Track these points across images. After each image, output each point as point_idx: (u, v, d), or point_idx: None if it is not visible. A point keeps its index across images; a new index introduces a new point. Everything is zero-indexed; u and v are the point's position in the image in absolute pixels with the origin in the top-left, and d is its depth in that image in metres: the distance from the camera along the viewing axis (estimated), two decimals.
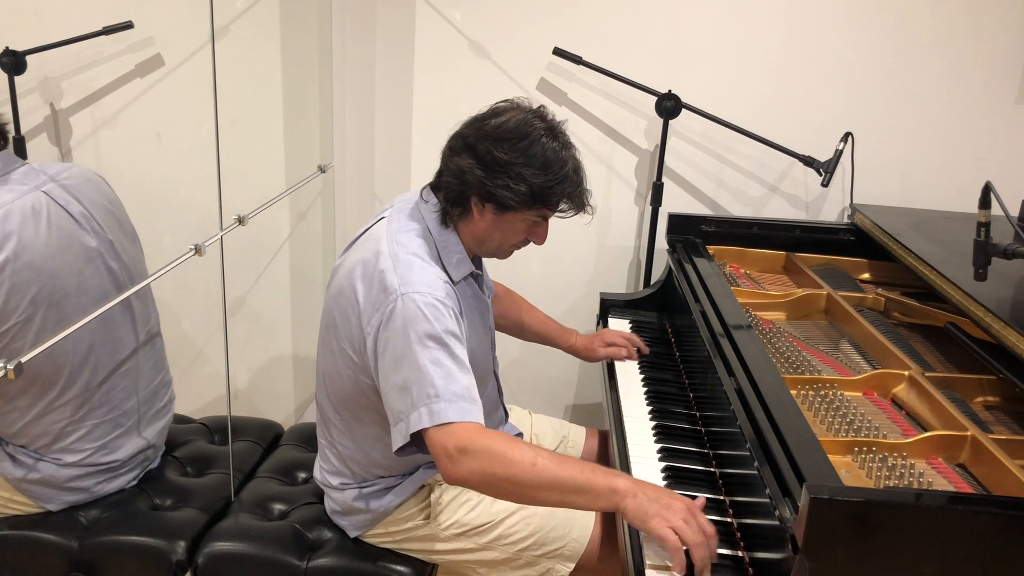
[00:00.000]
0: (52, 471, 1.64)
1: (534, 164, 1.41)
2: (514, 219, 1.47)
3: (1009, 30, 2.24)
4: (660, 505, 1.24)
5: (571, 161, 1.45)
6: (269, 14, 2.35)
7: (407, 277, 1.38)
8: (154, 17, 2.33)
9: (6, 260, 1.46)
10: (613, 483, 1.27)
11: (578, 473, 1.28)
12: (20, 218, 1.51)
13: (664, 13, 2.32)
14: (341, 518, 1.64)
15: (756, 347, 1.56)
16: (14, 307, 1.48)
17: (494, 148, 1.41)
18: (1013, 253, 1.30)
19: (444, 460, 1.30)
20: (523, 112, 1.46)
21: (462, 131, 1.47)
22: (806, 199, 2.44)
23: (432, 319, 1.35)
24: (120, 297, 1.60)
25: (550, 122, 1.46)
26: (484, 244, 1.53)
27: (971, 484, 1.29)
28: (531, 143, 1.41)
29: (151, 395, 1.78)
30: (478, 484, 1.32)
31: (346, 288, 1.46)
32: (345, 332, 1.46)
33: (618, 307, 2.25)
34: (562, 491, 1.28)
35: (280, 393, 2.69)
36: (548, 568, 1.57)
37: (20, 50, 2.23)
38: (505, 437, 1.32)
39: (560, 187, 1.43)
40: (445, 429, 1.30)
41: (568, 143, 1.47)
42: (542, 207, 1.46)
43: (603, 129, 2.43)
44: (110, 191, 1.77)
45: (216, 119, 1.74)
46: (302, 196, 2.50)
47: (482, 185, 1.42)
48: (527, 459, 1.28)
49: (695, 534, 1.21)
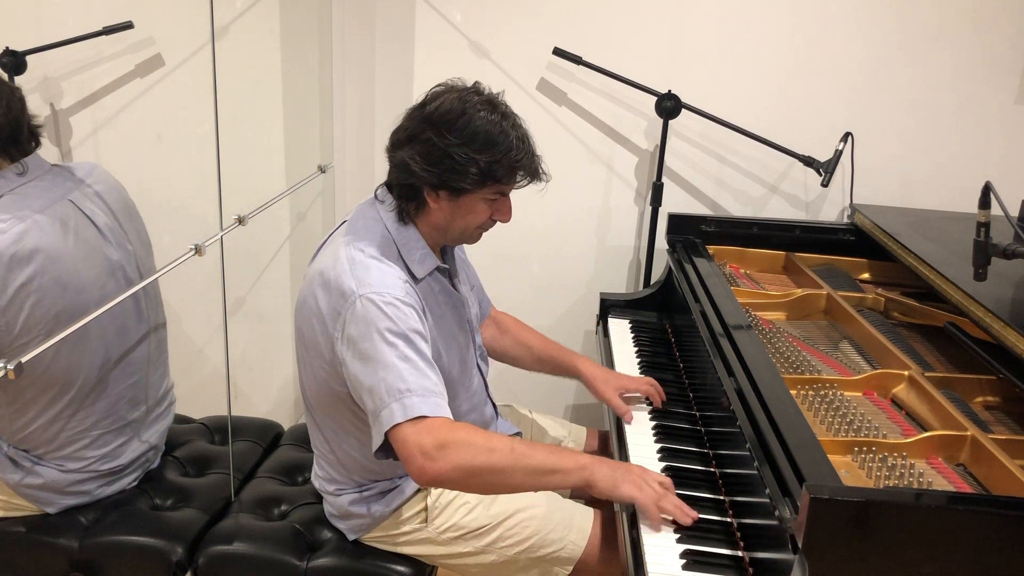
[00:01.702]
0: (53, 476, 1.63)
1: (477, 141, 1.37)
2: (471, 201, 1.44)
3: (1009, 30, 2.24)
4: (623, 471, 1.37)
5: (514, 131, 1.41)
6: (269, 14, 2.34)
7: (364, 279, 1.37)
8: (154, 17, 2.33)
9: (34, 273, 1.44)
10: (580, 460, 1.37)
11: (549, 455, 1.36)
12: (48, 231, 1.48)
13: (664, 13, 2.32)
14: (339, 522, 1.64)
15: (756, 347, 1.56)
16: (37, 320, 1.46)
17: (434, 135, 1.38)
18: (1013, 253, 1.30)
19: (419, 459, 1.28)
20: (458, 91, 1.42)
21: (402, 124, 1.44)
22: (806, 199, 2.44)
23: (393, 317, 1.34)
24: (127, 294, 1.59)
25: (487, 96, 1.43)
26: (448, 232, 1.49)
27: (971, 484, 1.29)
28: (469, 120, 1.37)
29: (155, 403, 1.78)
30: (458, 478, 1.31)
31: (308, 298, 1.45)
32: (312, 341, 1.45)
33: (618, 307, 2.25)
34: (537, 474, 1.35)
35: (280, 393, 2.69)
36: (547, 571, 1.56)
37: (20, 50, 2.23)
38: (475, 428, 1.35)
39: (507, 159, 1.39)
40: (419, 427, 1.28)
41: (508, 113, 1.42)
42: (495, 183, 1.42)
43: (603, 129, 2.43)
44: (128, 197, 1.75)
45: (216, 119, 1.73)
46: (302, 196, 2.50)
47: (430, 174, 1.39)
48: (505, 447, 1.31)
49: (654, 493, 1.34)
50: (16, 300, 1.44)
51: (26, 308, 1.45)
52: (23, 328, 1.46)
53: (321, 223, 2.58)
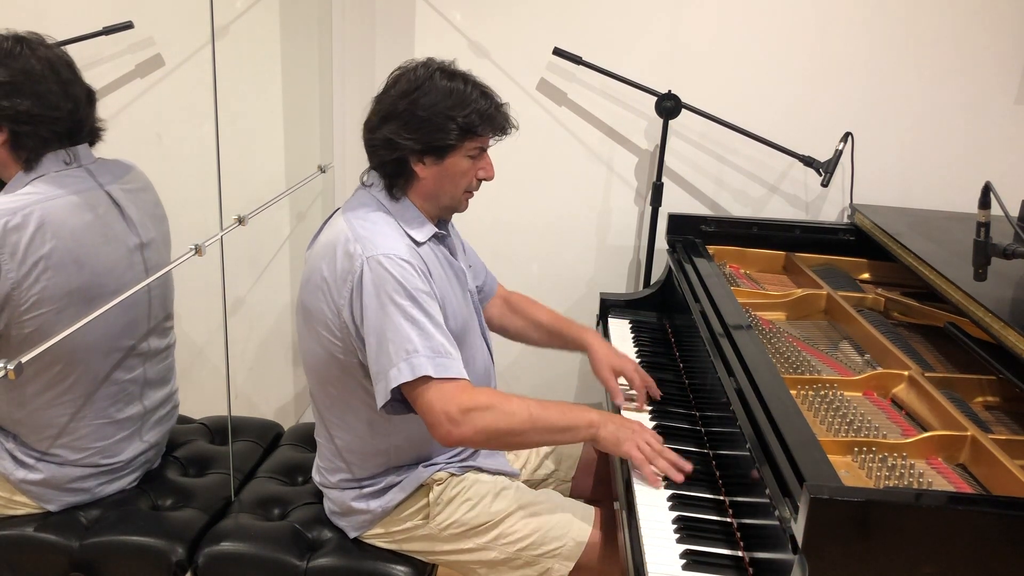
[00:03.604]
0: (53, 471, 1.64)
1: (449, 101, 1.47)
2: (456, 161, 1.52)
3: (1009, 30, 2.24)
4: (627, 430, 1.49)
5: (474, 88, 1.51)
6: (269, 14, 2.34)
7: (369, 243, 1.45)
8: (154, 17, 2.32)
9: (52, 249, 1.49)
10: (589, 417, 1.48)
11: (562, 415, 1.47)
12: (76, 211, 1.54)
13: (664, 13, 2.32)
14: (340, 519, 1.64)
15: (756, 347, 1.56)
16: (50, 295, 1.50)
17: (409, 106, 1.47)
18: (1013, 253, 1.30)
19: (445, 424, 1.38)
20: (414, 69, 1.52)
21: (372, 111, 1.54)
22: (806, 199, 2.44)
23: (400, 278, 1.42)
24: (133, 289, 1.61)
25: (440, 64, 1.53)
26: (439, 199, 1.57)
27: (971, 484, 1.29)
28: (434, 86, 1.48)
29: (157, 404, 1.79)
30: (480, 440, 1.45)
31: (313, 273, 1.51)
32: (319, 315, 1.50)
33: (618, 307, 2.25)
34: (552, 432, 1.48)
35: (280, 393, 2.69)
36: (547, 568, 1.57)
37: None
38: (496, 392, 1.47)
39: (479, 110, 1.49)
40: (439, 393, 1.39)
41: (466, 74, 1.53)
42: (474, 136, 1.51)
43: (603, 129, 2.43)
44: (159, 201, 1.81)
45: (216, 119, 1.73)
46: (302, 196, 2.50)
47: (414, 140, 1.48)
48: (523, 410, 1.43)
49: (649, 451, 1.47)
50: (33, 272, 1.48)
51: (42, 281, 1.49)
52: (36, 302, 1.50)
53: (321, 223, 2.57)
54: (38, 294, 1.49)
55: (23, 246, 1.46)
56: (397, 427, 1.55)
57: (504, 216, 2.49)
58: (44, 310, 1.51)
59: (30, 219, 1.47)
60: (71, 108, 1.55)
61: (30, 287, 1.48)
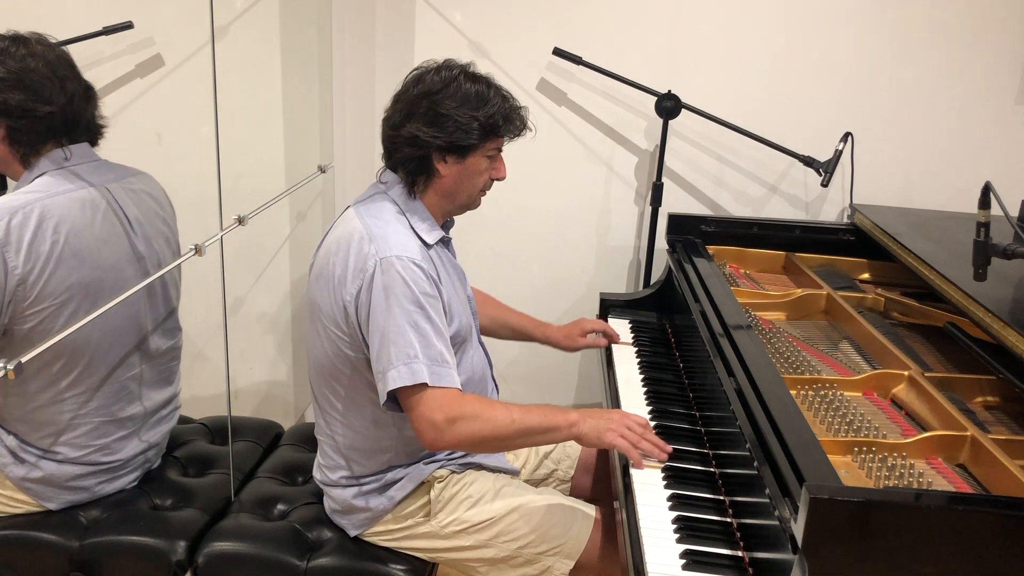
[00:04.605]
0: (53, 469, 1.64)
1: (470, 103, 1.52)
2: (476, 160, 1.56)
3: (1009, 30, 2.24)
4: (606, 421, 1.50)
5: (494, 90, 1.56)
6: (269, 14, 2.34)
7: (384, 241, 1.47)
8: (154, 17, 2.32)
9: (54, 244, 1.51)
10: (568, 417, 1.49)
11: (543, 417, 1.49)
12: (77, 207, 1.56)
13: (664, 13, 2.32)
14: (341, 517, 1.65)
15: (756, 347, 1.56)
16: (52, 290, 1.52)
17: (433, 105, 1.51)
18: (1013, 253, 1.30)
19: (431, 431, 1.42)
20: (436, 70, 1.55)
21: (395, 108, 1.56)
22: (806, 199, 2.44)
23: (410, 282, 1.44)
24: (139, 285, 1.62)
25: (463, 67, 1.57)
26: (456, 197, 1.60)
27: (971, 484, 1.29)
28: (459, 87, 1.52)
29: (159, 404, 1.79)
30: (466, 447, 1.52)
31: (325, 269, 1.53)
32: (328, 310, 1.52)
33: (618, 307, 2.25)
34: (534, 435, 1.49)
35: (280, 393, 2.69)
36: (548, 566, 1.57)
37: None
38: (479, 399, 1.49)
39: (500, 112, 1.54)
40: (429, 401, 1.41)
41: (486, 76, 1.57)
42: (494, 136, 1.56)
43: (603, 129, 2.43)
44: (170, 208, 1.82)
45: (216, 119, 1.74)
46: (302, 196, 2.49)
47: (437, 138, 1.51)
48: (506, 417, 1.45)
49: (633, 436, 1.49)
50: (37, 267, 1.50)
51: (45, 275, 1.51)
52: (39, 296, 1.51)
53: (321, 223, 2.57)
54: (41, 289, 1.51)
55: (27, 242, 1.48)
56: (401, 424, 1.56)
57: (504, 216, 2.49)
58: (46, 304, 1.52)
59: (32, 215, 1.49)
60: (64, 102, 1.56)
61: (35, 283, 1.50)
